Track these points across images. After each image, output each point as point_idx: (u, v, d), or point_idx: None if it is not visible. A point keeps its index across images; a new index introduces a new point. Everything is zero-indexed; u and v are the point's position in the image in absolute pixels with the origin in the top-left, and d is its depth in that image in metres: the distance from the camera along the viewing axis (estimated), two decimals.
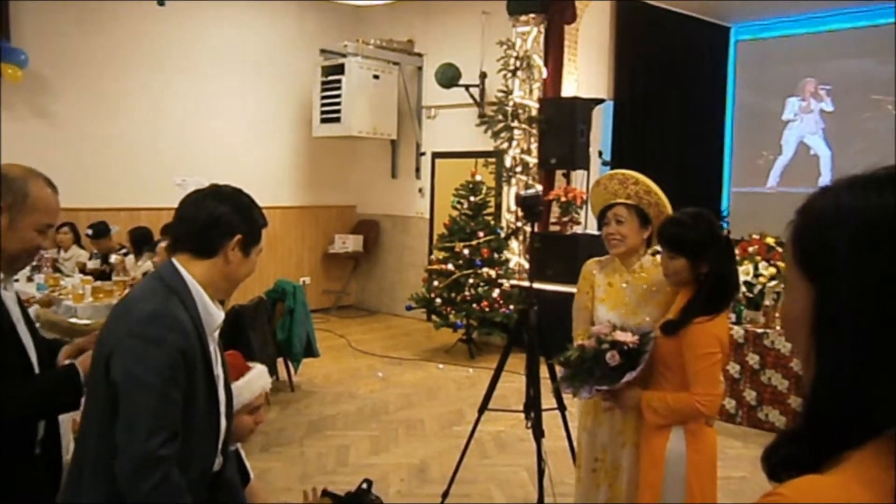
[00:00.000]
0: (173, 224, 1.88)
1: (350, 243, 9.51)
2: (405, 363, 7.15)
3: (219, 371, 1.88)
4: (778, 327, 5.26)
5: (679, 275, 2.52)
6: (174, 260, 1.83)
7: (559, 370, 2.74)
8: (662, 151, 9.10)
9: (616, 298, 2.81)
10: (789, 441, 0.89)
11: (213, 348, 1.86)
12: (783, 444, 0.90)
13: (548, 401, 3.67)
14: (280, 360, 5.98)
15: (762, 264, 5.32)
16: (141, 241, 6.24)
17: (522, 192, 3.75)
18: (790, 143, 9.92)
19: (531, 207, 3.66)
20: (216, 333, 1.88)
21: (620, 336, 2.54)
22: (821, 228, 0.89)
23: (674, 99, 9.40)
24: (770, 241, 5.44)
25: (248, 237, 1.86)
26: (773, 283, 5.26)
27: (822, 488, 0.81)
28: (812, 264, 0.89)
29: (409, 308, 7.73)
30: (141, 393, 1.66)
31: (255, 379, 2.08)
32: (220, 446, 1.90)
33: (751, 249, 5.43)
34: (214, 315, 1.84)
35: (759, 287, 5.33)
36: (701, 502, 2.44)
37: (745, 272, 5.24)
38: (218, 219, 1.81)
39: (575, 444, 3.35)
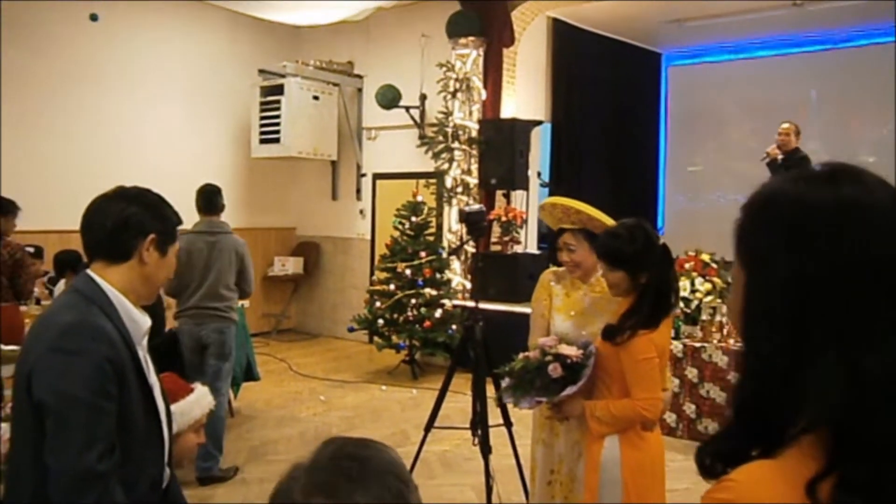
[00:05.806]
0: (82, 233, 1.80)
1: (290, 265, 9.36)
2: (347, 386, 7.05)
3: (153, 380, 1.81)
4: (715, 341, 5.39)
5: (619, 286, 2.56)
6: (88, 270, 1.77)
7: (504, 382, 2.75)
8: (599, 172, 9.32)
9: (572, 307, 2.85)
10: (723, 437, 0.90)
11: (144, 356, 1.78)
12: (716, 441, 0.90)
13: (494, 417, 3.67)
14: None
15: (698, 280, 5.46)
16: (64, 265, 5.76)
17: (466, 208, 3.77)
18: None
19: (475, 223, 3.68)
20: (145, 341, 1.81)
21: (565, 349, 2.57)
22: (756, 218, 0.90)
23: (609, 121, 9.64)
24: (705, 257, 5.59)
25: (162, 235, 1.82)
26: (710, 298, 5.40)
27: (771, 472, 0.82)
28: (746, 253, 0.91)
29: (351, 330, 7.64)
30: (70, 408, 1.57)
31: (203, 396, 2.03)
32: (166, 458, 1.82)
33: (687, 266, 5.57)
34: (139, 321, 1.77)
35: (695, 302, 5.46)
36: (639, 502, 2.47)
37: (682, 288, 5.37)
38: (127, 220, 1.77)
39: (525, 458, 3.35)
